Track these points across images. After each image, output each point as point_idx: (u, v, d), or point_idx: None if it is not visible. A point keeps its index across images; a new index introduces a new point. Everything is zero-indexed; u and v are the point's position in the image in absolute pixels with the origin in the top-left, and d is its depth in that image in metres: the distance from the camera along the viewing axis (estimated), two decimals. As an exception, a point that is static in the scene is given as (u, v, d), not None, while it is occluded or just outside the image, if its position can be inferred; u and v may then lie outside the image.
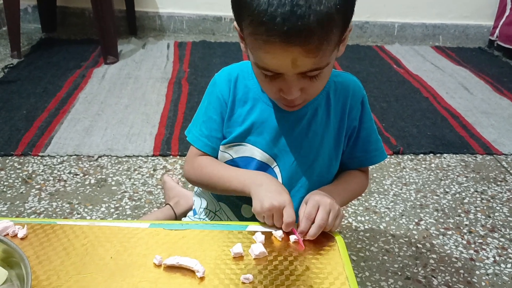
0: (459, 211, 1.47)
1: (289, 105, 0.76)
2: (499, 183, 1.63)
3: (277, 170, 0.85)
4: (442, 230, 1.38)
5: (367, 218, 1.41)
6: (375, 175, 1.62)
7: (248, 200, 0.87)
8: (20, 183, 1.48)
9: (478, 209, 1.48)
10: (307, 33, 0.62)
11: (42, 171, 1.55)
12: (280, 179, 0.85)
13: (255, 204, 0.74)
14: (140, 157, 1.65)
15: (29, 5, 2.95)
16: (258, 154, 0.84)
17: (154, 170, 1.59)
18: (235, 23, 0.73)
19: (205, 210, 0.98)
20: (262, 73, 0.72)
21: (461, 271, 1.23)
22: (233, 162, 0.86)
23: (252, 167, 0.85)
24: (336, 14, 0.64)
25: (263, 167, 0.85)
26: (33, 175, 1.53)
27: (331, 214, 0.72)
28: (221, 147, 0.87)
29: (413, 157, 1.76)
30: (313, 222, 0.71)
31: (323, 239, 0.71)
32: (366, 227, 1.38)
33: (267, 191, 0.74)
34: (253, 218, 0.88)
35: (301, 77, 0.70)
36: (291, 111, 0.82)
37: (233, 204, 0.91)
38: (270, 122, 0.83)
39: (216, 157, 0.87)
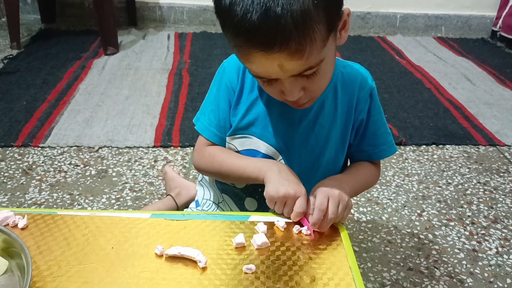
0: (462, 202, 1.46)
1: (296, 105, 0.74)
2: (502, 174, 1.62)
3: (282, 163, 0.84)
4: (444, 221, 1.37)
5: (369, 209, 1.41)
6: (377, 166, 1.61)
7: (252, 193, 0.87)
8: (20, 174, 1.48)
9: (480, 200, 1.48)
10: (285, 36, 0.59)
11: (42, 162, 1.54)
12: None
13: (270, 188, 0.72)
14: (140, 148, 1.64)
15: (28, -4, 2.93)
16: (263, 147, 0.83)
17: (155, 161, 1.58)
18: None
19: (208, 201, 0.97)
20: (259, 79, 0.71)
21: (464, 262, 1.22)
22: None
23: None
24: (314, 9, 0.60)
25: None
26: (34, 166, 1.52)
27: (340, 206, 0.70)
28: (227, 138, 0.86)
29: (415, 148, 1.75)
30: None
31: (327, 229, 0.71)
32: (368, 218, 1.37)
33: (284, 178, 0.73)
34: (256, 212, 0.87)
35: (299, 77, 0.67)
36: None
37: (236, 197, 0.90)
38: (276, 115, 0.81)
39: (224, 147, 0.86)
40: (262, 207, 0.86)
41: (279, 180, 0.73)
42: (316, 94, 0.74)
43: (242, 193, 0.89)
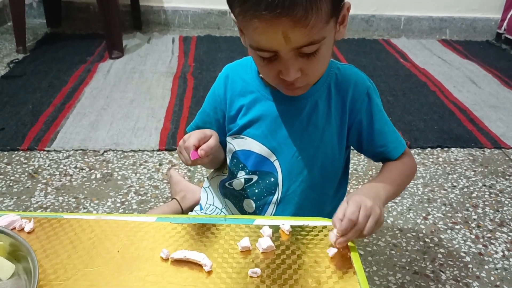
0: (467, 205, 1.46)
1: (290, 88, 0.74)
2: (507, 177, 1.61)
3: (277, 164, 0.84)
4: (450, 224, 1.37)
5: (374, 212, 1.40)
6: (382, 169, 1.61)
7: (249, 194, 0.88)
8: (26, 178, 1.49)
9: (486, 203, 1.47)
10: (292, 1, 0.61)
11: (48, 166, 1.55)
12: (280, 173, 0.84)
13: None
14: (145, 152, 1.65)
15: (34, 0, 2.95)
16: (257, 147, 0.84)
17: (160, 164, 1.58)
18: (231, 15, 0.72)
19: (211, 206, 0.98)
20: (259, 56, 0.71)
21: (470, 265, 1.22)
22: (236, 154, 0.87)
23: (252, 161, 0.85)
24: None
25: (262, 160, 0.85)
26: (39, 170, 1.53)
27: (370, 219, 0.66)
28: (228, 138, 0.88)
29: (420, 151, 1.74)
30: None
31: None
32: (373, 221, 1.37)
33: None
34: (254, 214, 0.88)
35: (298, 55, 0.68)
36: (290, 105, 0.81)
37: (236, 199, 0.91)
38: (269, 115, 0.82)
39: None
40: (260, 208, 0.87)
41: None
42: (311, 79, 0.74)
43: (240, 195, 0.89)
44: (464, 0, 3.05)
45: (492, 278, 1.18)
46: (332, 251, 0.66)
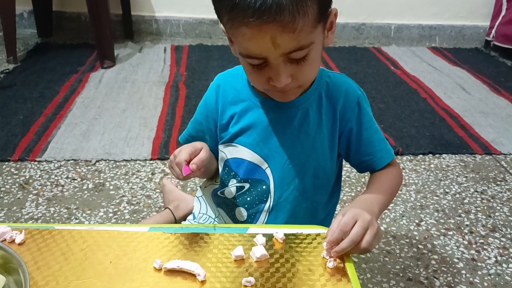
0: (460, 211, 1.47)
1: (282, 93, 0.74)
2: (498, 182, 1.62)
3: (268, 171, 0.84)
4: (443, 230, 1.37)
5: (367, 219, 1.40)
6: (374, 176, 1.62)
7: (241, 203, 0.88)
8: (17, 189, 1.47)
9: (478, 209, 1.48)
10: (278, 6, 0.62)
11: (39, 176, 1.53)
12: (272, 181, 0.85)
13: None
14: (138, 161, 1.64)
15: (25, 10, 2.94)
16: (248, 155, 0.84)
17: (153, 174, 1.58)
18: (220, 25, 0.72)
19: (204, 215, 0.97)
20: (249, 64, 0.71)
21: (463, 271, 1.22)
22: (227, 163, 0.87)
23: (243, 168, 0.85)
24: None
25: (254, 168, 0.85)
26: (30, 181, 1.51)
27: (369, 231, 0.66)
28: (220, 147, 0.89)
29: (412, 157, 1.75)
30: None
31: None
32: (366, 228, 1.37)
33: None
34: (245, 222, 0.88)
35: (288, 61, 0.69)
36: (281, 113, 0.82)
37: (228, 208, 0.91)
38: (260, 123, 0.83)
39: None
40: (251, 217, 0.87)
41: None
42: (303, 82, 0.75)
43: (232, 204, 0.89)
44: (453, 8, 3.09)
45: (485, 284, 1.18)
46: (332, 263, 0.65)
